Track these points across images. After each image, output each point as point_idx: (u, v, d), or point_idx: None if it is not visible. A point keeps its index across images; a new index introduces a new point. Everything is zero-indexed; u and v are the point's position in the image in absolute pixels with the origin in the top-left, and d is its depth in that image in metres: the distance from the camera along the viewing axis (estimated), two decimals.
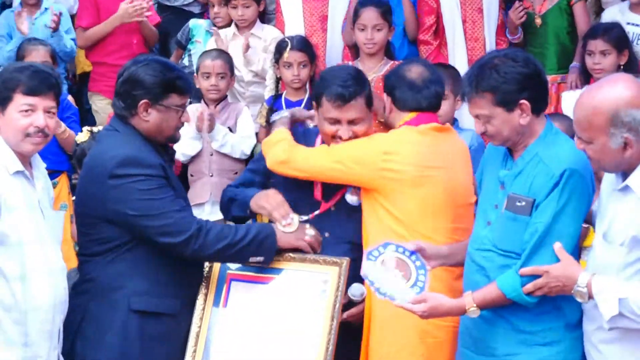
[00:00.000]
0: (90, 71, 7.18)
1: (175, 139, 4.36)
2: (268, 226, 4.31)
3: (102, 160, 4.15)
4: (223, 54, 6.18)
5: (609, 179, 3.78)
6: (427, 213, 4.32)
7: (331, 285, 4.24)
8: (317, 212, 4.46)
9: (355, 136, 4.39)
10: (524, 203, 3.84)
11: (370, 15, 6.09)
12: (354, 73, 4.49)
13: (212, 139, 5.93)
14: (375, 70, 6.12)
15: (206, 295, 4.33)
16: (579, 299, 3.66)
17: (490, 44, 6.65)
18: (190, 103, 6.19)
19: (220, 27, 6.85)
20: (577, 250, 3.84)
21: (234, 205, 4.56)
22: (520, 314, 3.89)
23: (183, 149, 5.92)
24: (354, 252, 4.37)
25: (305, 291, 4.30)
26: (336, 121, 4.39)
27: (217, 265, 4.38)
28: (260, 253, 4.24)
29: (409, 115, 4.46)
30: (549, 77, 6.41)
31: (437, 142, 4.42)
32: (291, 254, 4.32)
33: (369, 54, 6.13)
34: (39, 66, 4.13)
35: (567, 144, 3.85)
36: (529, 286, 3.75)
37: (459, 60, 6.56)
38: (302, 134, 4.64)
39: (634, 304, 3.53)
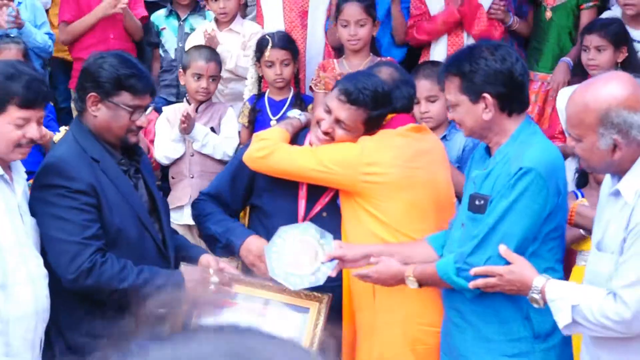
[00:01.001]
0: (61, 59, 7.13)
1: (127, 141, 4.13)
2: (177, 274, 4.06)
3: (40, 170, 4.07)
4: (215, 55, 6.00)
5: (606, 184, 3.72)
6: (413, 215, 4.29)
7: (309, 322, 4.18)
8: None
9: (332, 137, 4.34)
10: (482, 202, 3.86)
11: (353, 10, 5.93)
12: (376, 85, 4.34)
13: (193, 140, 5.78)
14: (360, 68, 5.87)
15: None
16: (534, 305, 3.63)
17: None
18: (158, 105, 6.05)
19: (176, 7, 6.78)
20: (524, 251, 3.78)
21: (216, 244, 4.43)
22: (487, 321, 3.91)
23: (165, 152, 5.81)
24: None
25: (282, 323, 4.17)
26: (329, 111, 4.33)
27: None
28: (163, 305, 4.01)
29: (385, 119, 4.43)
30: (540, 75, 6.36)
31: (416, 142, 4.38)
32: (269, 283, 4.19)
33: (353, 51, 5.99)
34: (31, 73, 4.01)
35: (539, 145, 3.83)
36: (480, 282, 3.72)
37: (439, 51, 6.43)
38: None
39: (586, 309, 3.49)
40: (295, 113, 4.67)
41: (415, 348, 4.27)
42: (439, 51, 6.36)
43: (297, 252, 4.16)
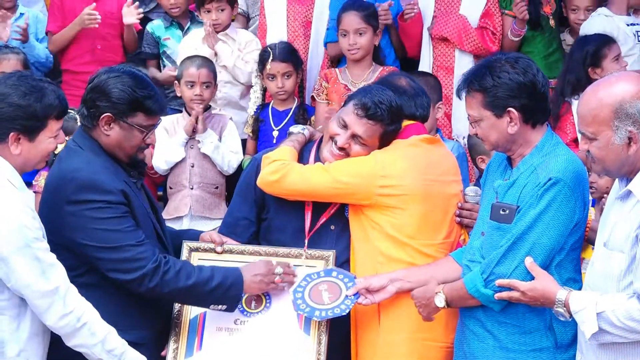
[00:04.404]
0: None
1: (136, 159, 4.17)
2: (235, 271, 4.11)
3: (61, 183, 4.01)
4: (207, 62, 6.09)
5: (614, 190, 3.77)
6: (424, 228, 4.29)
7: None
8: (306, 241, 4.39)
9: (348, 153, 4.34)
10: (507, 211, 3.89)
11: (351, 19, 6.01)
12: (392, 101, 4.34)
13: (203, 143, 5.87)
14: (364, 78, 6.06)
15: (176, 347, 4.19)
16: (561, 319, 3.69)
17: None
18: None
19: (176, 17, 6.87)
20: (551, 260, 3.84)
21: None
22: (509, 331, 3.93)
23: (166, 156, 5.88)
24: None
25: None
26: (345, 126, 4.32)
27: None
28: (224, 301, 4.07)
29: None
30: (553, 82, 6.43)
31: (429, 153, 4.38)
32: (277, 249, 4.32)
33: (353, 60, 6.05)
34: (53, 84, 4.05)
35: (563, 155, 3.86)
36: (504, 295, 3.79)
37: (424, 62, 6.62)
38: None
39: (612, 315, 3.53)
40: (297, 128, 4.66)
41: None
42: (427, 58, 6.58)
43: (322, 291, 4.20)
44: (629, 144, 3.55)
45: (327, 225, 4.40)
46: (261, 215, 4.49)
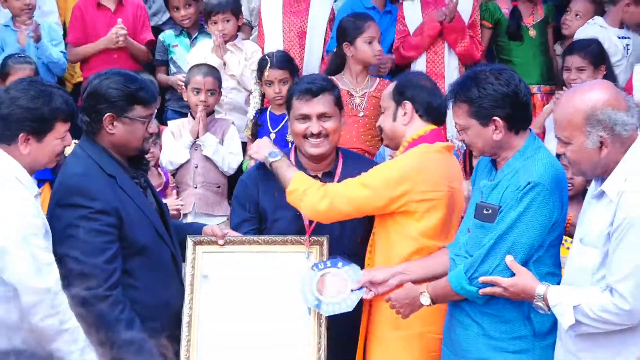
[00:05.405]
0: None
1: (144, 149, 4.28)
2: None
3: (58, 187, 4.15)
4: (213, 70, 6.29)
5: (590, 190, 3.91)
6: (443, 232, 4.37)
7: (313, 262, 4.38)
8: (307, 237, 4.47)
9: (326, 133, 4.46)
10: (490, 211, 3.97)
11: (377, 28, 6.28)
12: (322, 76, 4.53)
13: (204, 146, 6.06)
14: (365, 85, 6.28)
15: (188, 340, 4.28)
16: (540, 311, 3.81)
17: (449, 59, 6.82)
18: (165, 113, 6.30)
19: (187, 28, 7.05)
20: (530, 258, 3.93)
21: None
22: (491, 320, 4.03)
23: (172, 157, 6.07)
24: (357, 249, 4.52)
25: (288, 268, 4.38)
26: (306, 117, 4.47)
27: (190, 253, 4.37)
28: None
29: (423, 129, 4.45)
30: (533, 87, 6.62)
31: (449, 161, 4.45)
32: (274, 238, 4.42)
33: (366, 67, 6.29)
34: (60, 88, 4.19)
35: (543, 160, 3.95)
36: (487, 290, 3.90)
37: (419, 65, 6.79)
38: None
39: (587, 308, 3.65)
40: (275, 155, 4.52)
41: (428, 356, 4.38)
42: (420, 63, 6.74)
43: (328, 283, 4.27)
44: (601, 148, 3.65)
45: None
46: (260, 227, 4.60)
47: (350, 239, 4.55)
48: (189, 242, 4.41)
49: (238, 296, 4.38)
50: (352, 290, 4.26)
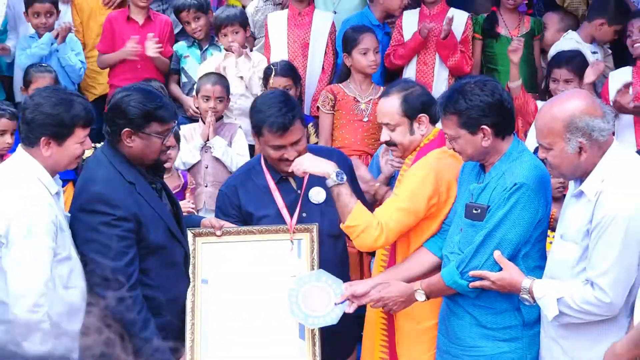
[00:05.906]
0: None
1: (160, 162, 4.36)
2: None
3: (80, 190, 4.25)
4: (222, 79, 6.53)
5: (570, 189, 4.03)
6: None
7: (305, 249, 4.47)
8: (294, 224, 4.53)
9: (299, 153, 4.47)
10: (479, 211, 4.10)
11: (372, 39, 6.50)
12: (284, 99, 4.55)
13: (214, 148, 6.27)
14: (370, 93, 6.57)
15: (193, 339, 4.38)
16: (526, 303, 3.97)
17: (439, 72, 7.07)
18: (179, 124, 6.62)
19: (199, 40, 7.33)
20: (518, 253, 4.06)
21: None
22: (483, 312, 4.17)
23: (184, 158, 6.30)
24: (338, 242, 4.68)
25: (279, 256, 4.48)
26: (281, 147, 4.49)
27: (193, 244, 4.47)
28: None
29: (432, 133, 4.54)
30: None
31: (458, 165, 4.47)
32: (267, 227, 4.51)
33: (368, 74, 6.52)
34: (80, 96, 4.33)
35: (528, 162, 4.07)
36: (477, 284, 4.04)
37: (409, 72, 7.04)
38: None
39: (569, 300, 3.79)
40: (332, 180, 4.39)
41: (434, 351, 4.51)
42: (410, 73, 7.03)
43: (313, 296, 4.33)
44: (580, 153, 3.78)
45: (300, 214, 4.59)
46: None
47: (335, 225, 4.56)
48: (189, 234, 4.52)
49: (237, 293, 4.49)
50: (335, 304, 4.32)
